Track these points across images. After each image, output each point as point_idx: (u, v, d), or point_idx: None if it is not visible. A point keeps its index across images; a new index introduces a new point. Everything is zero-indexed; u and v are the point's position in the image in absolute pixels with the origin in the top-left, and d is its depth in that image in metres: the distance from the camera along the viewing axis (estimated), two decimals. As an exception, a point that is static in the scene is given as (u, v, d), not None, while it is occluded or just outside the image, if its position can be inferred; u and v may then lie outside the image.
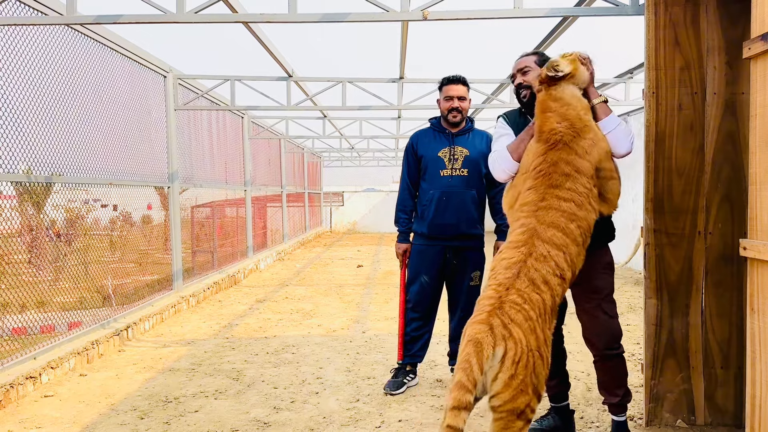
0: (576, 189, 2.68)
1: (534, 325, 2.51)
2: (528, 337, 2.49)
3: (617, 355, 3.04)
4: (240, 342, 5.74)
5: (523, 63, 3.18)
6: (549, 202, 2.68)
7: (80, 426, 3.70)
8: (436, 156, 4.12)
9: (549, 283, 2.60)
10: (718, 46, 3.31)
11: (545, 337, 2.55)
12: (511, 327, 2.48)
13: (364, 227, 22.43)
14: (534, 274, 2.60)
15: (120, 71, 6.33)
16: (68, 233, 5.73)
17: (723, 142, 3.33)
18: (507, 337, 2.46)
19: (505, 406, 2.46)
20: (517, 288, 2.58)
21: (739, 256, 2.59)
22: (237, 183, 11.06)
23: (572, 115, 2.72)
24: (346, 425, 3.64)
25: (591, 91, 2.90)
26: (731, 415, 3.45)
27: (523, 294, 2.56)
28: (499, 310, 2.53)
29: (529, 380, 2.47)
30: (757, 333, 2.36)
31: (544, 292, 2.58)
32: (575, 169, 2.68)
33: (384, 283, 9.39)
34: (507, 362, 2.44)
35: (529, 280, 2.59)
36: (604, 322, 3.00)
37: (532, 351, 2.48)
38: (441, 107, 4.16)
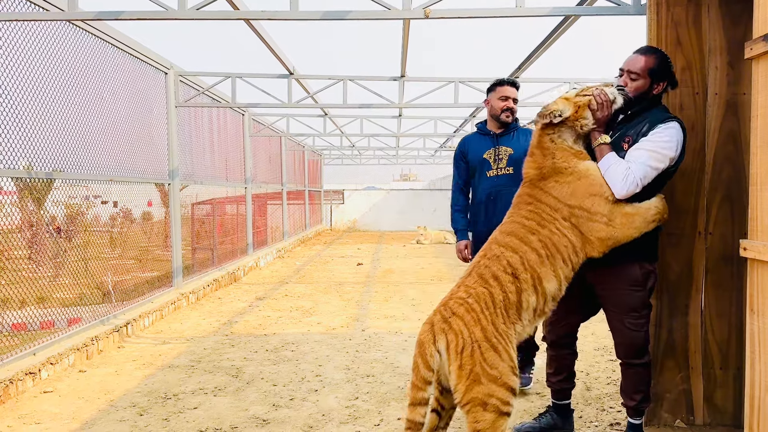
0: (538, 212, 2.84)
1: (478, 317, 2.64)
2: (471, 328, 2.61)
3: (640, 365, 3.01)
4: (239, 339, 5.74)
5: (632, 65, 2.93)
6: (512, 218, 2.92)
7: (79, 422, 3.71)
8: (482, 158, 4.17)
9: (499, 279, 2.74)
10: (720, 46, 3.31)
11: (495, 328, 2.64)
12: (452, 320, 2.65)
13: (364, 225, 22.44)
14: (483, 270, 2.79)
15: (121, 68, 6.33)
16: (68, 229, 5.73)
17: (724, 142, 3.33)
18: (447, 330, 2.64)
19: (465, 397, 2.57)
20: (465, 284, 2.78)
21: (739, 257, 2.59)
22: (237, 180, 11.05)
23: (547, 164, 2.87)
24: (345, 423, 3.64)
25: (593, 135, 2.88)
26: (730, 415, 3.45)
27: (469, 288, 2.74)
28: (443, 306, 2.74)
29: (480, 369, 2.56)
30: (757, 334, 2.36)
31: (492, 286, 2.72)
32: (537, 200, 2.86)
33: (384, 282, 9.39)
34: (451, 353, 2.60)
35: (477, 275, 2.78)
36: (627, 335, 2.98)
37: (477, 342, 2.59)
38: (494, 106, 4.14)
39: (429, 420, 2.94)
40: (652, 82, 2.92)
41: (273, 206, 14.39)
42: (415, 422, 2.64)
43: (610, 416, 3.73)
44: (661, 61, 2.93)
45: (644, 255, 2.93)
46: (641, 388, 3.03)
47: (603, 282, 2.99)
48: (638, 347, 2.98)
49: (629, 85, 2.93)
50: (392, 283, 9.28)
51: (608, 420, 3.67)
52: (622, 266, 2.90)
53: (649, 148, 2.79)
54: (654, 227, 2.86)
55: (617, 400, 3.96)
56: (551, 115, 2.86)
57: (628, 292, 2.94)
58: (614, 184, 2.76)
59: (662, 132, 2.81)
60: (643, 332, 2.99)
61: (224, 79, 8.49)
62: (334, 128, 14.38)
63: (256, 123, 12.30)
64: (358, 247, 15.39)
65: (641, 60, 2.92)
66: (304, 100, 9.20)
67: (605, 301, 3.04)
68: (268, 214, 13.83)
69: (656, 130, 2.82)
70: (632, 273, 2.92)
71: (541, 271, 2.77)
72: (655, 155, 2.78)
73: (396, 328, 6.15)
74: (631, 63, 2.95)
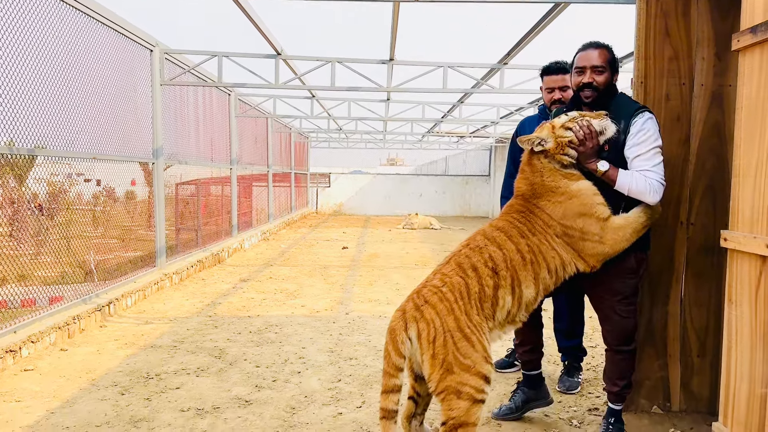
0: (531, 222, 2.85)
1: (452, 306, 2.63)
2: (444, 317, 2.61)
3: (627, 351, 3.05)
4: (223, 320, 5.73)
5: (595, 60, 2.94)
6: (505, 218, 2.94)
7: (60, 400, 3.69)
8: None
9: (478, 270, 2.72)
10: (708, 37, 3.33)
11: (469, 319, 2.64)
12: (424, 308, 2.64)
13: (350, 209, 22.42)
14: (463, 259, 2.77)
15: (105, 44, 6.23)
16: (50, 207, 5.66)
17: (709, 133, 3.36)
18: (418, 318, 2.63)
19: (439, 386, 2.59)
20: (442, 272, 2.76)
21: (719, 247, 2.62)
22: (223, 161, 10.97)
23: (537, 182, 2.89)
24: (327, 404, 3.66)
25: (590, 167, 2.85)
26: (705, 402, 3.51)
27: (445, 277, 2.72)
28: (416, 294, 2.73)
29: (452, 359, 2.57)
30: (734, 323, 2.40)
31: (469, 277, 2.71)
32: (530, 212, 2.88)
33: (369, 266, 9.41)
34: (423, 342, 2.61)
35: (456, 264, 2.77)
36: (617, 322, 3.01)
37: (450, 331, 2.59)
38: (544, 98, 3.96)
39: (406, 407, 2.97)
40: (611, 73, 2.98)
41: (258, 188, 14.32)
42: (389, 410, 2.65)
43: (588, 401, 3.78)
44: (613, 52, 3.00)
45: (639, 245, 2.97)
46: (626, 375, 3.08)
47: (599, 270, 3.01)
48: (628, 334, 3.03)
49: (597, 79, 2.94)
50: (377, 267, 9.31)
51: (587, 405, 3.72)
52: (620, 258, 2.92)
53: (648, 149, 2.84)
54: (645, 231, 2.90)
55: (596, 386, 4.02)
56: (532, 143, 2.90)
57: (623, 279, 2.98)
58: (645, 198, 2.82)
59: (646, 128, 2.85)
60: (633, 319, 3.03)
61: (210, 58, 8.39)
62: (321, 111, 14.30)
63: (243, 103, 12.19)
64: (344, 231, 15.39)
65: (600, 53, 2.95)
66: (292, 81, 9.12)
67: (598, 289, 3.05)
68: (254, 196, 13.76)
69: (639, 127, 2.86)
70: (628, 263, 2.97)
71: (522, 274, 2.77)
72: (656, 151, 2.85)
73: (380, 311, 6.17)
74: (591, 58, 2.95)
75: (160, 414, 3.50)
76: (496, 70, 8.87)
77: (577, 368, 4.08)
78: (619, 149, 2.90)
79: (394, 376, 2.64)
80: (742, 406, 2.35)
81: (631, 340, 3.05)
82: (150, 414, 3.49)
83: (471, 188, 22.40)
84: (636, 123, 2.85)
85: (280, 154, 16.88)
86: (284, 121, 16.74)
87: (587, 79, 2.95)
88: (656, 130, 2.87)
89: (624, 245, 2.84)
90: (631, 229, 2.83)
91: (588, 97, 2.98)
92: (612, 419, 3.12)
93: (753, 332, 2.28)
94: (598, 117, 2.87)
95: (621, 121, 2.89)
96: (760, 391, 2.24)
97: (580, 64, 2.98)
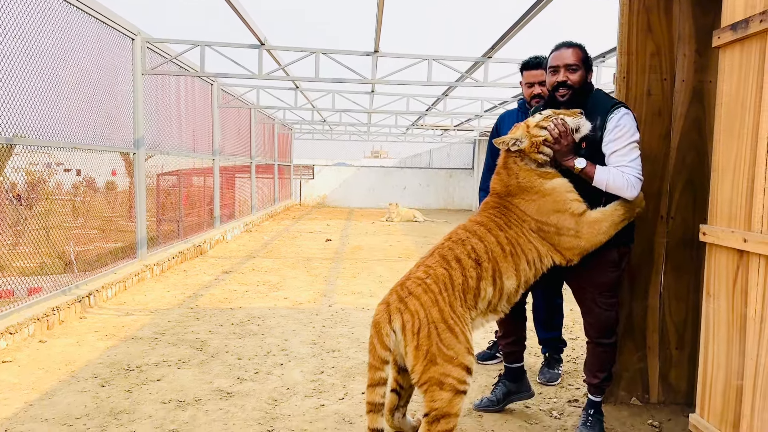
0: (507, 216, 2.90)
1: (436, 298, 2.66)
2: (428, 309, 2.63)
3: (608, 344, 3.08)
4: (205, 312, 5.70)
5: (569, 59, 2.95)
6: (483, 213, 2.98)
7: (39, 392, 3.65)
8: None
9: (461, 262, 2.76)
10: (689, 33, 3.36)
11: (453, 310, 2.67)
12: (408, 300, 2.66)
13: (333, 201, 22.38)
14: (446, 251, 2.81)
15: (86, 31, 6.13)
16: (29, 197, 5.58)
17: (689, 128, 3.40)
18: (402, 310, 2.65)
19: (422, 377, 2.60)
20: (426, 264, 2.79)
21: (698, 241, 2.66)
22: (205, 152, 10.88)
23: (512, 183, 2.93)
24: (310, 396, 3.67)
25: (567, 163, 2.87)
26: (683, 393, 3.57)
27: (429, 269, 2.75)
28: (400, 286, 2.74)
29: (436, 350, 2.59)
30: (712, 316, 2.44)
31: (453, 268, 2.74)
32: (506, 208, 2.92)
33: (352, 258, 9.41)
34: (408, 334, 2.62)
35: (440, 256, 2.80)
36: (599, 315, 3.04)
37: (434, 323, 2.61)
38: (524, 93, 3.95)
39: (389, 399, 2.98)
40: (585, 71, 3.00)
41: (241, 179, 14.23)
42: (375, 403, 2.68)
43: (568, 393, 3.82)
44: (586, 51, 3.02)
45: (623, 239, 2.99)
46: (606, 367, 3.11)
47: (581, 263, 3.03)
48: (609, 327, 3.06)
49: (570, 78, 2.96)
50: (360, 259, 9.31)
51: (567, 396, 3.77)
52: (602, 251, 2.94)
53: (624, 144, 2.85)
54: (624, 225, 2.91)
55: (576, 378, 4.06)
56: (508, 143, 2.93)
57: (605, 272, 3.01)
58: (623, 193, 2.84)
59: (622, 124, 2.86)
60: (614, 312, 3.07)
61: (193, 48, 8.30)
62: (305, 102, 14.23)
63: (225, 94, 12.09)
64: (327, 223, 15.36)
65: (573, 52, 2.97)
66: (275, 72, 9.06)
67: (581, 282, 3.08)
68: (236, 187, 13.67)
69: (615, 123, 2.87)
70: (610, 256, 2.99)
71: (503, 266, 2.81)
72: (633, 146, 2.87)
73: (363, 304, 6.18)
74: (564, 57, 2.97)
75: (140, 406, 3.47)
76: (480, 64, 8.89)
77: (557, 360, 4.12)
78: (597, 146, 2.92)
79: (379, 369, 2.66)
80: (718, 398, 2.39)
81: (612, 333, 3.09)
82: (130, 406, 3.47)
83: (455, 181, 22.46)
84: (612, 119, 2.87)
85: (263, 145, 16.78)
86: (268, 112, 16.64)
87: (561, 77, 2.97)
88: (633, 125, 2.89)
89: (602, 239, 2.86)
90: (608, 222, 2.85)
91: (563, 95, 2.99)
92: (591, 410, 3.16)
93: (730, 325, 2.32)
94: (572, 115, 2.89)
95: (597, 118, 2.91)
96: (735, 382, 2.28)
97: (554, 63, 3.00)
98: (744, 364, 2.23)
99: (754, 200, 2.17)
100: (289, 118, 18.92)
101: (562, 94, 2.99)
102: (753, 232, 2.16)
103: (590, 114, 2.91)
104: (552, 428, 3.30)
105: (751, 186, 2.18)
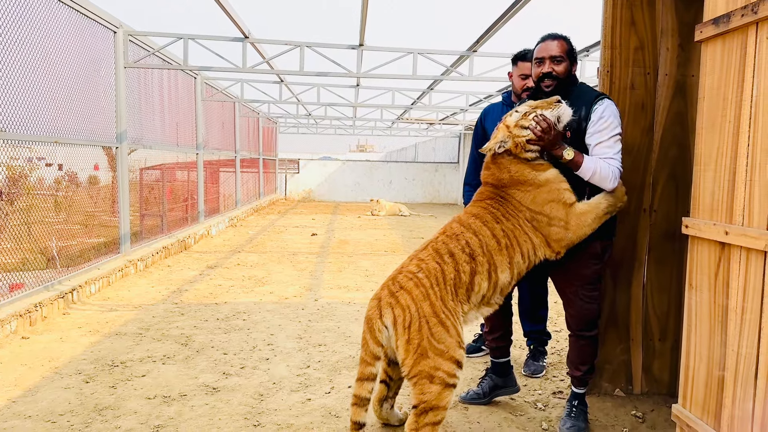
0: (503, 206, 2.88)
1: (428, 292, 2.66)
2: (419, 303, 2.64)
3: (589, 337, 3.11)
4: (189, 308, 5.67)
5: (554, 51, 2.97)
6: (478, 205, 2.95)
7: (22, 389, 3.62)
8: None
9: (454, 256, 2.75)
10: (672, 28, 3.38)
11: (444, 304, 2.67)
12: (399, 294, 2.67)
13: (319, 195, 22.32)
14: (440, 246, 2.80)
15: (67, 24, 6.05)
16: (10, 192, 5.50)
17: (672, 122, 3.43)
18: (394, 305, 2.66)
19: (412, 371, 2.61)
20: (419, 257, 2.78)
21: (681, 234, 2.69)
22: (188, 146, 10.79)
23: (504, 177, 2.91)
24: (296, 391, 3.66)
25: (556, 152, 2.87)
26: (666, 384, 3.62)
27: (421, 263, 2.75)
28: (391, 281, 2.75)
29: (427, 344, 2.60)
30: (694, 307, 2.47)
31: (446, 263, 2.74)
32: (502, 198, 2.91)
33: (338, 252, 9.40)
34: (399, 328, 2.63)
35: (433, 249, 2.79)
36: (581, 307, 3.06)
37: (426, 317, 2.62)
38: (515, 84, 3.94)
39: (378, 390, 2.98)
40: (570, 63, 3.01)
41: (226, 173, 14.15)
42: (362, 397, 2.69)
43: (553, 385, 3.86)
44: (571, 43, 3.04)
45: (605, 233, 3.02)
46: (588, 360, 3.14)
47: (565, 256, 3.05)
48: (590, 319, 3.08)
49: (556, 69, 2.97)
50: (346, 253, 9.30)
51: (551, 388, 3.80)
52: (585, 244, 2.96)
53: (609, 137, 2.88)
54: (607, 218, 2.93)
55: (561, 370, 4.10)
56: (494, 149, 2.92)
57: (587, 265, 3.03)
58: (606, 184, 2.87)
59: (607, 115, 2.89)
60: (596, 304, 3.09)
61: (176, 41, 8.22)
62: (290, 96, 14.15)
63: (209, 87, 11.99)
64: (313, 218, 15.32)
65: (558, 44, 2.99)
66: (260, 65, 9.00)
67: (563, 274, 3.10)
68: (221, 181, 13.59)
69: (600, 114, 2.89)
70: (593, 249, 3.02)
71: (498, 259, 2.80)
72: (616, 139, 2.90)
73: (349, 298, 6.18)
74: (550, 49, 2.98)
75: (125, 402, 3.45)
76: (465, 58, 8.89)
77: (542, 352, 4.15)
78: (580, 135, 2.94)
79: (370, 364, 2.67)
80: (700, 389, 2.42)
81: (594, 326, 3.11)
82: (115, 402, 3.45)
83: (440, 175, 22.50)
84: (596, 110, 2.89)
85: (247, 139, 16.68)
86: (252, 106, 16.53)
87: (547, 68, 2.99)
88: (616, 116, 2.92)
89: (587, 231, 2.88)
90: (593, 215, 2.87)
91: (548, 86, 3.00)
92: (575, 402, 3.19)
93: (711, 317, 2.35)
94: (549, 106, 2.87)
95: (582, 108, 2.92)
96: (717, 373, 2.32)
97: (540, 55, 3.02)
98: (725, 355, 2.26)
99: (736, 193, 2.19)
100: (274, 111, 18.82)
101: (547, 85, 3.00)
102: (734, 225, 2.19)
103: (574, 104, 2.92)
104: (537, 420, 3.32)
105: (733, 179, 2.21)
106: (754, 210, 2.09)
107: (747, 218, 2.14)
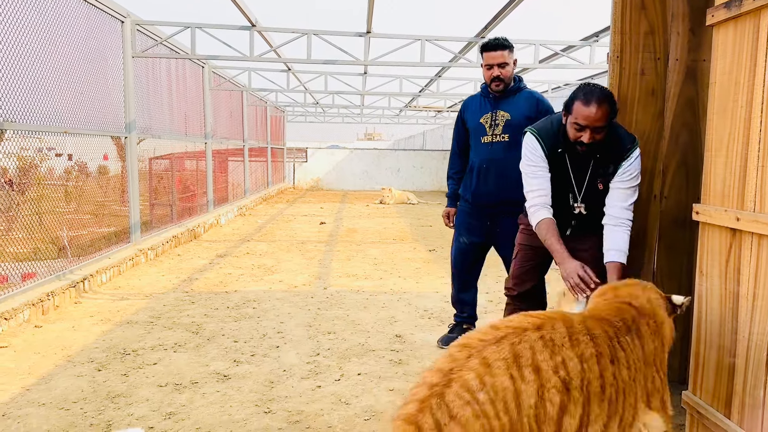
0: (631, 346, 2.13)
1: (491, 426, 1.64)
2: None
3: None
4: (200, 296, 5.71)
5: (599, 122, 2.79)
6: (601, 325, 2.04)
7: (36, 377, 3.66)
8: (479, 123, 3.98)
9: (540, 372, 1.75)
10: (683, 12, 3.34)
11: None
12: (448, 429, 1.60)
13: (327, 184, 22.34)
14: (524, 349, 1.77)
15: (75, 14, 6.05)
16: (21, 182, 5.55)
17: (682, 108, 3.39)
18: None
19: None
20: (484, 358, 1.72)
21: (691, 221, 2.67)
22: (197, 135, 10.82)
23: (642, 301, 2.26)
24: (306, 378, 3.69)
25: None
26: (676, 371, 3.60)
27: (486, 375, 1.69)
28: (437, 398, 1.64)
29: None
30: (704, 294, 2.46)
31: (526, 381, 1.72)
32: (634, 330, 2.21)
33: (346, 241, 9.42)
34: None
35: (512, 352, 1.75)
36: None
37: None
38: (484, 76, 3.96)
39: None
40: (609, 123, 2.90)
41: (234, 163, 14.18)
42: None
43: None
44: (613, 102, 2.86)
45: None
46: None
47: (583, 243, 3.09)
48: None
49: (596, 138, 2.83)
50: (355, 242, 9.32)
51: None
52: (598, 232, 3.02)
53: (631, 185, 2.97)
54: None
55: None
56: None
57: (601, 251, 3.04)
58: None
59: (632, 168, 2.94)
60: None
61: (184, 30, 8.22)
62: (297, 84, 14.14)
63: (217, 76, 11.99)
64: (321, 206, 15.34)
65: (602, 112, 2.78)
66: (267, 53, 8.99)
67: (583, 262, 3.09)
68: (230, 170, 13.62)
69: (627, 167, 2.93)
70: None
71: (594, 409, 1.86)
72: (635, 189, 3.00)
73: (358, 286, 6.20)
74: (592, 119, 2.77)
75: (137, 389, 3.49)
76: (473, 44, 8.83)
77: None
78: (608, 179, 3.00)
79: None
80: (710, 376, 2.42)
81: None
82: (127, 390, 3.48)
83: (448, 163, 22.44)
84: (623, 165, 2.93)
85: (255, 128, 16.70)
86: (260, 95, 16.52)
87: (586, 139, 2.85)
88: (639, 166, 2.98)
89: None
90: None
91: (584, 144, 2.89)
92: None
93: (722, 303, 2.34)
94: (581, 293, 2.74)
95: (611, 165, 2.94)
96: (728, 360, 2.31)
97: (583, 122, 2.83)
98: (736, 342, 2.25)
99: (747, 179, 2.18)
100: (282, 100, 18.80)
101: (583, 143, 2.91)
102: (746, 211, 2.17)
103: (604, 160, 2.94)
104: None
105: (744, 165, 2.19)
106: (766, 196, 2.08)
107: (759, 204, 2.12)
